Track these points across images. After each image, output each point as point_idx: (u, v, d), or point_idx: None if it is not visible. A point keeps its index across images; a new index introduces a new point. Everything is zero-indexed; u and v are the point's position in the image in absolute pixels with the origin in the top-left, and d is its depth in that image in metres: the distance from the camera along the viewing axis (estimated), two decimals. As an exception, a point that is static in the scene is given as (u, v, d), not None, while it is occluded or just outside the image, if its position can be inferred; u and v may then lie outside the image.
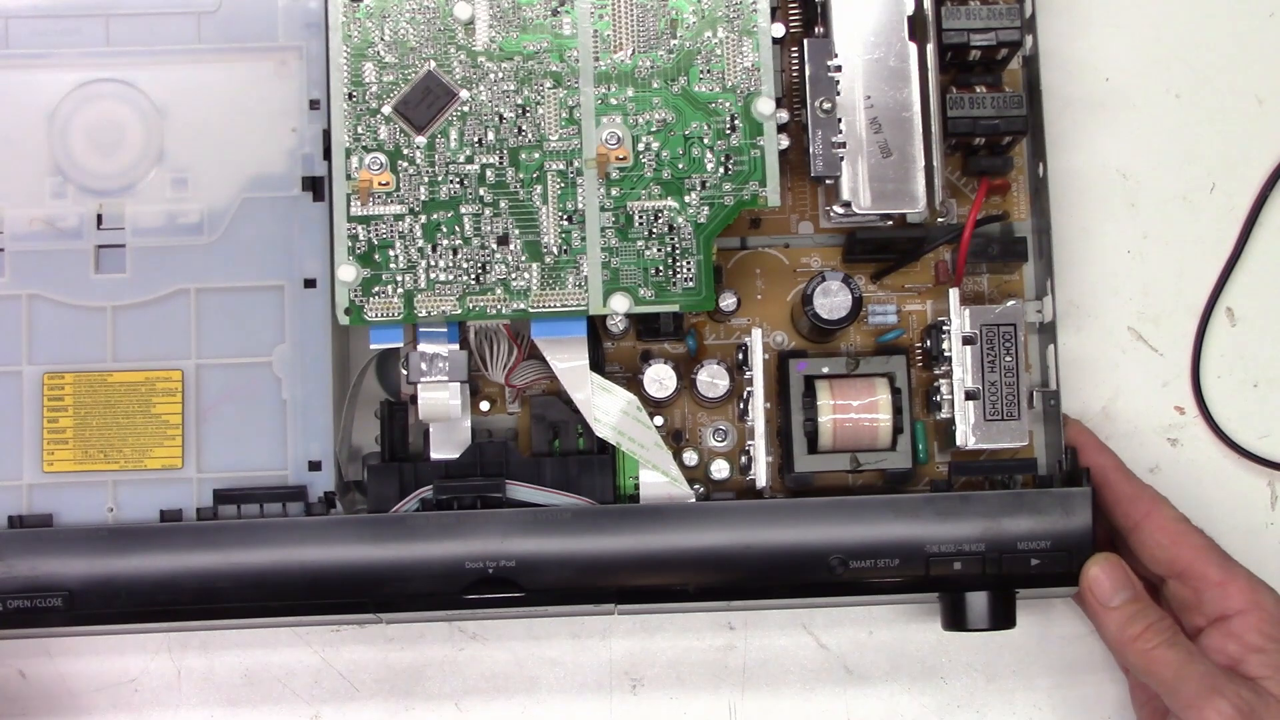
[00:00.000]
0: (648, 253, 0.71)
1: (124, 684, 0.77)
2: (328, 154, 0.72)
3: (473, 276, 0.71)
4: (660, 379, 0.74)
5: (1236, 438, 0.79)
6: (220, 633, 0.77)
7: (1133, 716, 0.77)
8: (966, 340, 0.73)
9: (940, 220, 0.75)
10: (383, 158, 0.71)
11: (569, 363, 0.72)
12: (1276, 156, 0.81)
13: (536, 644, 0.78)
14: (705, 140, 0.72)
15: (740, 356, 0.74)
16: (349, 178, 0.71)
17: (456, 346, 0.72)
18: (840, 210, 0.73)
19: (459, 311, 0.71)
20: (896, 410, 0.73)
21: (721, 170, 0.72)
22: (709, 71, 0.72)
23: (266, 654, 0.77)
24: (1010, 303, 0.74)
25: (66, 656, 0.77)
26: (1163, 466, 0.79)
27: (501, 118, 0.72)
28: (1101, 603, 0.71)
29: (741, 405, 0.74)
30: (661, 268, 0.71)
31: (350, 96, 0.71)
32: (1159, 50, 0.81)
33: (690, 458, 0.75)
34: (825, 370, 0.74)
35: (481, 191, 0.71)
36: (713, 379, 0.74)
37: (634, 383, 0.75)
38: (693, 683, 0.78)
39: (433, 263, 0.71)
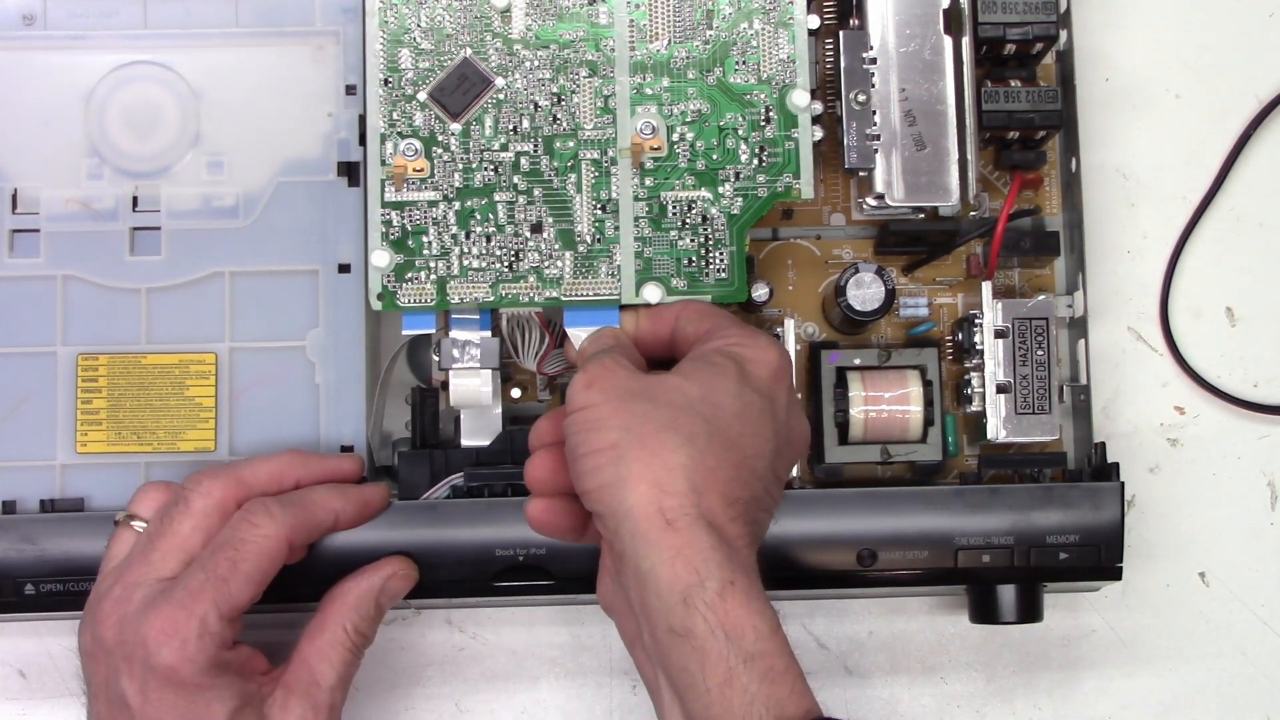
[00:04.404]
0: (681, 243, 0.71)
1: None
2: (363, 139, 0.72)
3: (506, 264, 0.71)
4: (692, 368, 0.74)
5: (1234, 436, 0.80)
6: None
7: (1130, 716, 0.78)
8: (999, 334, 0.73)
9: (973, 214, 0.75)
10: (418, 144, 0.71)
11: (601, 351, 0.72)
12: (1277, 155, 0.81)
13: (536, 644, 0.78)
14: (740, 131, 0.72)
15: (771, 347, 0.74)
16: (384, 163, 0.71)
17: (489, 333, 0.72)
18: (873, 202, 0.73)
19: (491, 298, 0.71)
20: (928, 403, 0.73)
21: (756, 161, 0.72)
22: (744, 63, 0.72)
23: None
24: (1041, 297, 0.74)
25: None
26: (1163, 466, 0.79)
27: (537, 106, 0.72)
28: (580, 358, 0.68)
29: (772, 396, 0.74)
30: (694, 258, 0.71)
31: (386, 82, 0.72)
32: (1158, 50, 0.81)
33: (720, 447, 0.75)
34: (857, 362, 0.74)
35: (515, 179, 0.71)
36: (744, 369, 0.74)
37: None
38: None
39: (466, 249, 0.71)
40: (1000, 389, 0.73)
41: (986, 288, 0.73)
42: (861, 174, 0.73)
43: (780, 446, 0.63)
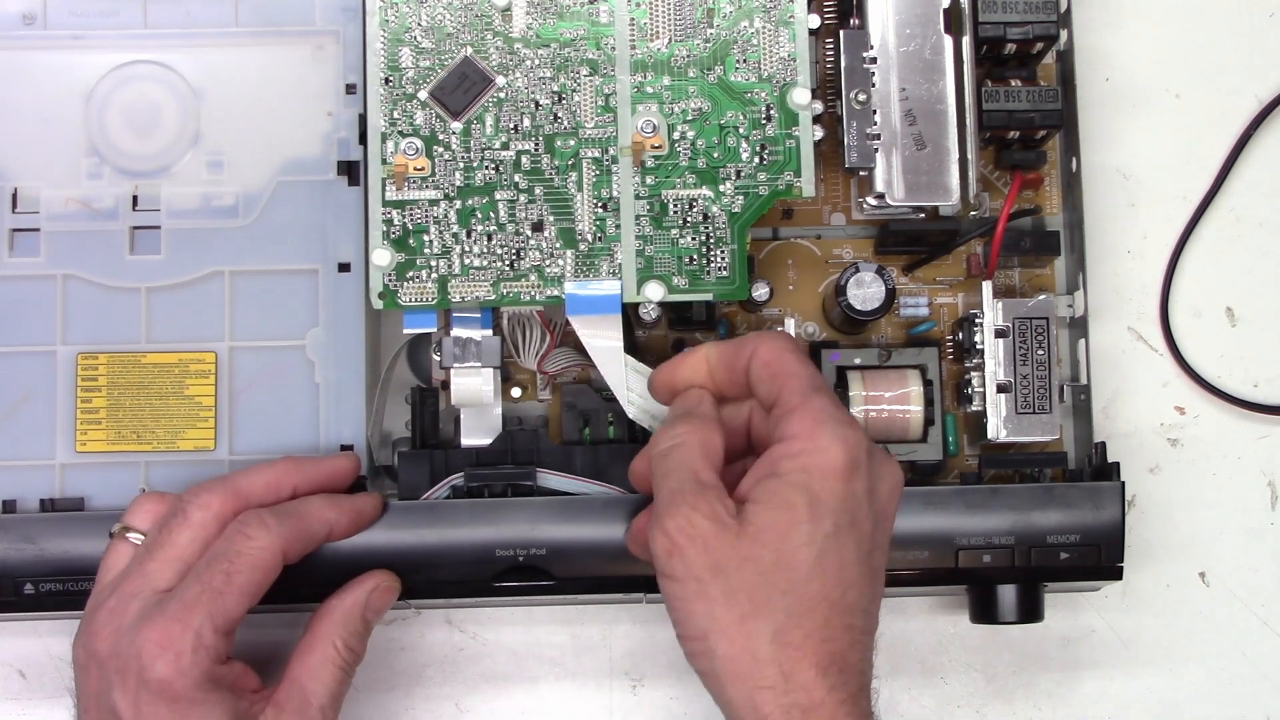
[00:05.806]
0: (682, 241, 0.71)
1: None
2: (363, 138, 0.72)
3: (507, 262, 0.71)
4: (693, 367, 0.74)
5: (1234, 436, 0.80)
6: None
7: (1130, 716, 0.78)
8: (999, 333, 0.73)
9: (973, 214, 0.75)
10: (418, 143, 0.71)
11: (603, 342, 0.71)
12: (1277, 155, 0.81)
13: (536, 644, 0.78)
14: (741, 130, 0.72)
15: (772, 347, 0.74)
16: (384, 162, 0.71)
17: (489, 332, 0.72)
18: (873, 202, 0.73)
19: (493, 297, 0.71)
20: (928, 402, 0.73)
21: (756, 160, 0.72)
22: (745, 61, 0.72)
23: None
24: (1042, 296, 0.74)
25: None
26: (1162, 466, 0.79)
27: (538, 104, 0.72)
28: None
29: (772, 395, 0.74)
30: (695, 256, 0.71)
31: (387, 81, 0.72)
32: (1158, 50, 0.81)
33: (720, 447, 0.75)
34: (857, 361, 0.74)
35: (516, 178, 0.71)
36: (745, 368, 0.74)
37: (665, 371, 0.75)
38: (693, 682, 0.76)
39: (467, 248, 0.71)
40: (1000, 389, 0.73)
41: (987, 287, 0.73)
42: (862, 173, 0.73)
43: (870, 549, 0.61)
